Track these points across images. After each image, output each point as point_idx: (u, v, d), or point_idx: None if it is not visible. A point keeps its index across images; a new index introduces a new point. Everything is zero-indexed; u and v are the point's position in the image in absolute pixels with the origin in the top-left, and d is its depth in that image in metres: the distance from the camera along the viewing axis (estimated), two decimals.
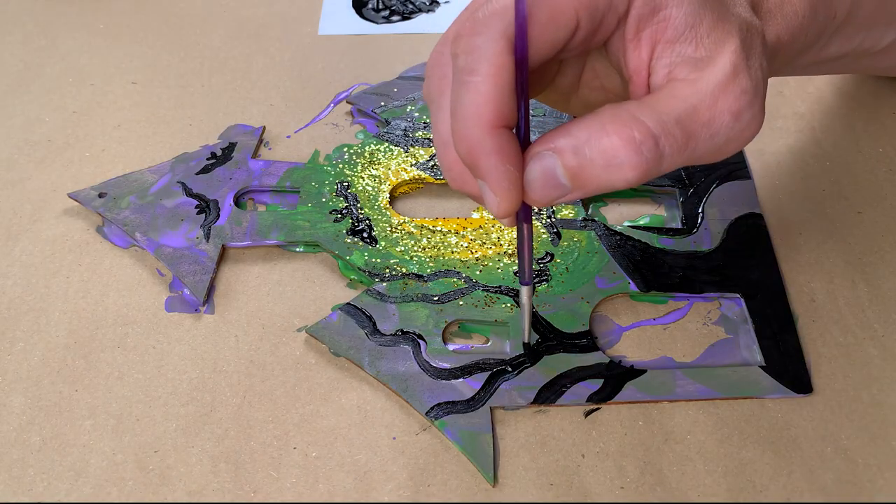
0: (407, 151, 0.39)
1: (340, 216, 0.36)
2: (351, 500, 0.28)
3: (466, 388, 0.30)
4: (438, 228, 0.36)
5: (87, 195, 0.37)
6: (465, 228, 0.36)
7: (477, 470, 0.29)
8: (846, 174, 0.39)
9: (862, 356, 0.32)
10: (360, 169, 0.39)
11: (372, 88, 0.43)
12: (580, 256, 0.35)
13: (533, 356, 0.31)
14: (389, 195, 0.37)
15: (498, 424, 0.30)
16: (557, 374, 0.31)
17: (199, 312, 0.33)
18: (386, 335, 0.32)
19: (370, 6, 0.50)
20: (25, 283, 0.34)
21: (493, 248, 0.35)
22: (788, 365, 0.31)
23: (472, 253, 0.35)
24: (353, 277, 0.35)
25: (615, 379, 0.31)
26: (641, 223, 0.37)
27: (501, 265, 0.35)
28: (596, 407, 0.30)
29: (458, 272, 0.34)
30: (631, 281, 0.34)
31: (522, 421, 0.30)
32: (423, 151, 0.39)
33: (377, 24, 0.48)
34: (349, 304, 0.33)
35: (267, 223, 0.36)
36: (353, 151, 0.40)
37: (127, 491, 0.28)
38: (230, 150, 0.39)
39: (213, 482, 0.28)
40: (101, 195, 0.37)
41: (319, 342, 0.32)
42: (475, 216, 0.37)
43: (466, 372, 0.31)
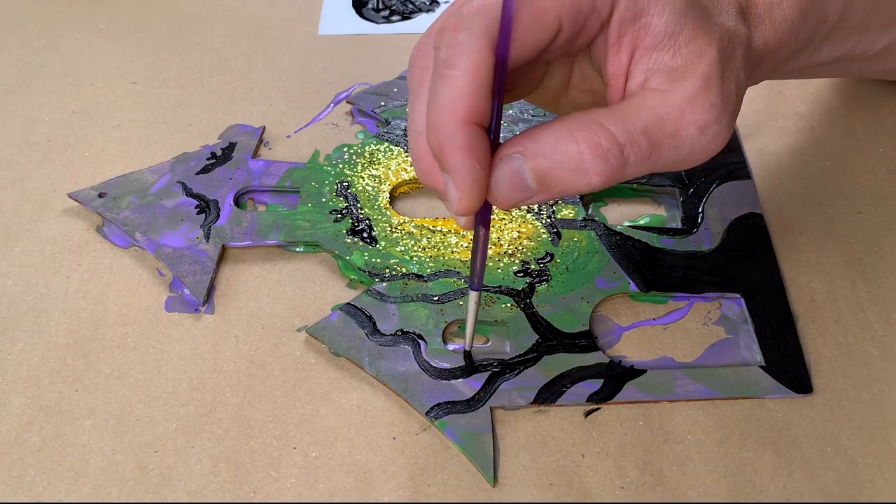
0: (407, 151, 0.39)
1: (340, 216, 0.36)
2: (351, 500, 0.28)
3: (466, 388, 0.30)
4: (438, 228, 0.36)
5: (87, 195, 0.37)
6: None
7: (477, 470, 0.29)
8: (846, 174, 0.39)
9: (862, 356, 0.32)
10: (360, 169, 0.39)
11: (372, 88, 0.43)
12: (580, 256, 0.35)
13: (469, 369, 0.31)
14: (389, 195, 0.37)
15: (498, 424, 0.30)
16: (557, 374, 0.31)
17: (199, 312, 0.33)
18: (386, 335, 0.32)
19: (370, 6, 0.50)
20: (25, 283, 0.34)
21: (493, 248, 0.35)
22: (788, 365, 0.31)
23: None
24: (353, 277, 0.35)
25: (615, 379, 0.31)
26: (641, 223, 0.37)
27: (501, 265, 0.35)
28: (596, 407, 0.30)
29: (458, 272, 0.34)
30: (631, 281, 0.34)
31: (522, 421, 0.30)
32: None
33: (377, 24, 0.48)
34: (349, 304, 0.33)
35: (267, 223, 0.36)
36: (353, 151, 0.40)
37: (127, 491, 0.28)
38: (230, 150, 0.39)
39: (213, 482, 0.28)
40: (101, 195, 0.37)
41: (319, 342, 0.32)
42: None
43: (466, 372, 0.31)
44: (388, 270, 0.34)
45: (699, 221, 0.36)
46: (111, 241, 0.36)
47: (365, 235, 0.36)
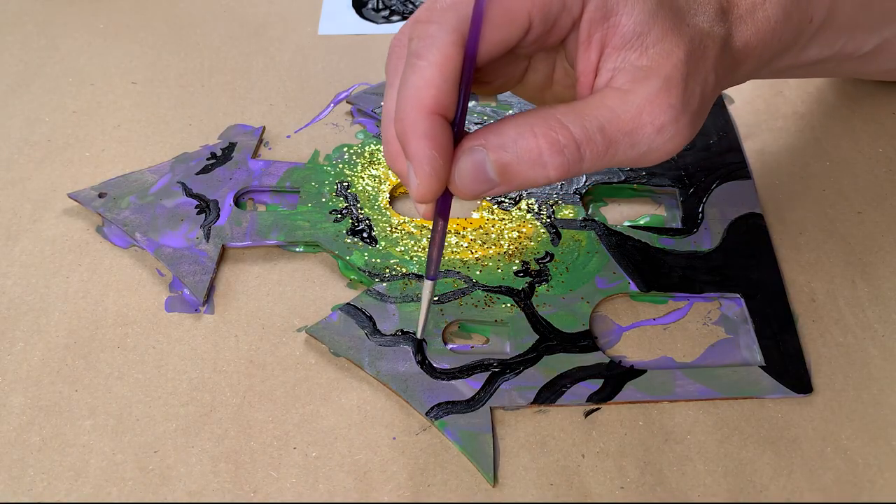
0: None
1: (340, 216, 0.36)
2: (351, 500, 0.28)
3: (466, 388, 0.30)
4: None
5: (87, 195, 0.37)
6: (465, 228, 0.36)
7: (477, 470, 0.29)
8: (846, 174, 0.39)
9: (862, 356, 0.32)
10: (360, 169, 0.39)
11: (372, 88, 0.43)
12: (580, 256, 0.35)
13: (422, 354, 0.31)
14: (389, 195, 0.37)
15: (498, 424, 0.30)
16: (557, 374, 0.31)
17: (199, 312, 0.33)
18: (386, 335, 0.32)
19: (370, 6, 0.50)
20: (25, 283, 0.34)
21: (493, 248, 0.35)
22: (788, 365, 0.31)
23: (472, 253, 0.35)
24: (353, 277, 0.35)
25: (615, 379, 0.31)
26: (641, 223, 0.37)
27: (501, 265, 0.35)
28: (596, 407, 0.30)
29: (458, 272, 0.34)
30: (631, 281, 0.34)
31: (522, 421, 0.30)
32: None
33: (377, 24, 0.48)
34: (349, 304, 0.33)
35: (267, 223, 0.36)
36: (353, 151, 0.40)
37: (127, 491, 0.28)
38: (230, 150, 0.39)
39: (213, 482, 0.28)
40: (101, 195, 0.37)
41: (319, 342, 0.32)
42: (475, 216, 0.37)
43: (466, 372, 0.31)
44: (388, 270, 0.34)
45: (699, 221, 0.36)
46: (111, 241, 0.36)
47: (365, 235, 0.36)
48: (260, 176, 0.38)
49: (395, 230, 0.36)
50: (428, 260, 0.29)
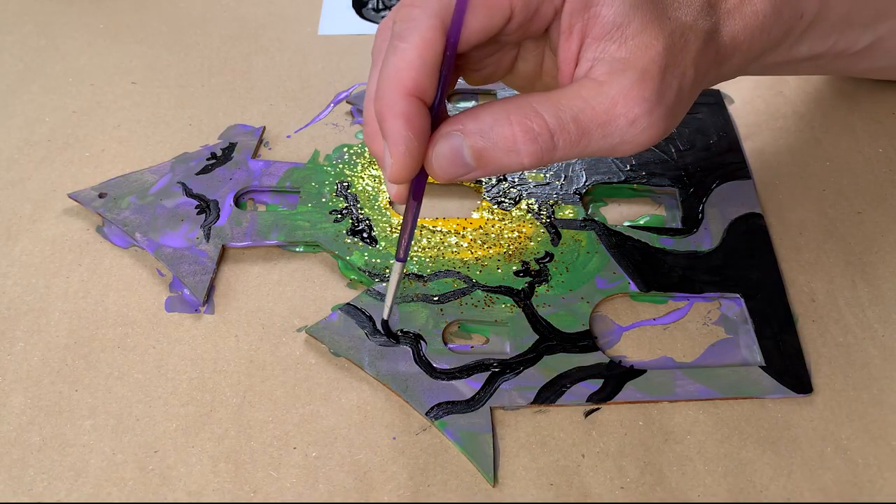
0: None
1: (340, 216, 0.36)
2: (351, 500, 0.28)
3: (466, 388, 0.30)
4: (438, 228, 0.36)
5: (87, 195, 0.37)
6: (465, 228, 0.36)
7: (477, 470, 0.29)
8: (846, 174, 0.39)
9: (862, 356, 0.32)
10: (360, 169, 0.39)
11: None
12: (580, 256, 0.35)
13: (389, 334, 0.32)
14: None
15: (498, 424, 0.30)
16: (557, 374, 0.31)
17: (199, 312, 0.33)
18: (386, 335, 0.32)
19: (370, 6, 0.50)
20: (25, 283, 0.34)
21: (493, 248, 0.35)
22: (788, 365, 0.31)
23: (472, 253, 0.35)
24: (353, 277, 0.35)
25: (615, 379, 0.31)
26: (641, 223, 0.37)
27: (501, 265, 0.35)
28: (596, 407, 0.30)
29: (458, 272, 0.34)
30: (631, 281, 0.34)
31: (522, 421, 0.30)
32: None
33: (377, 24, 0.48)
34: (349, 304, 0.33)
35: (267, 223, 0.36)
36: (353, 151, 0.40)
37: (127, 491, 0.28)
38: (230, 150, 0.39)
39: (213, 482, 0.28)
40: (101, 195, 0.37)
41: (319, 342, 0.32)
42: (475, 216, 0.37)
43: (466, 372, 0.31)
44: (388, 270, 0.34)
45: (699, 221, 0.36)
46: (111, 241, 0.36)
47: (365, 235, 0.36)
48: (260, 176, 0.38)
49: (395, 230, 0.36)
50: (399, 241, 0.29)
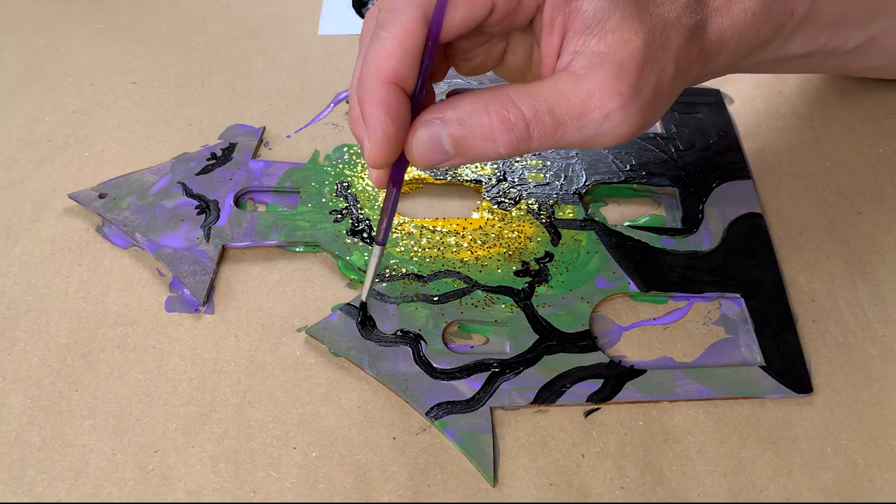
0: None
1: (340, 216, 0.36)
2: (351, 500, 0.28)
3: (466, 388, 0.30)
4: (438, 228, 0.36)
5: (87, 196, 0.37)
6: (465, 228, 0.36)
7: (477, 470, 0.29)
8: (846, 174, 0.39)
9: (862, 356, 0.32)
10: (360, 169, 0.39)
11: None
12: (580, 256, 0.35)
13: (364, 316, 0.32)
14: None
15: (498, 424, 0.30)
16: (557, 374, 0.31)
17: (199, 312, 0.33)
18: (386, 335, 0.32)
19: (370, 6, 0.50)
20: (25, 283, 0.34)
21: (493, 248, 0.35)
22: (788, 365, 0.31)
23: (472, 253, 0.35)
24: (353, 277, 0.35)
25: (615, 379, 0.31)
26: (641, 223, 0.37)
27: (501, 265, 0.35)
28: (596, 407, 0.30)
29: (458, 272, 0.34)
30: (631, 281, 0.34)
31: (522, 421, 0.30)
32: None
33: None
34: (349, 304, 0.33)
35: (267, 223, 0.36)
36: (353, 151, 0.40)
37: (127, 491, 0.28)
38: (230, 150, 0.39)
39: (213, 482, 0.28)
40: (101, 196, 0.37)
41: (319, 342, 0.32)
42: (475, 216, 0.37)
43: (466, 372, 0.31)
44: (388, 270, 0.34)
45: (699, 221, 0.36)
46: (111, 241, 0.36)
47: (365, 236, 0.36)
48: (260, 176, 0.38)
49: (395, 230, 0.36)
50: (378, 225, 0.30)
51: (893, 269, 0.35)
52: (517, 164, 0.39)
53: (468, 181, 0.38)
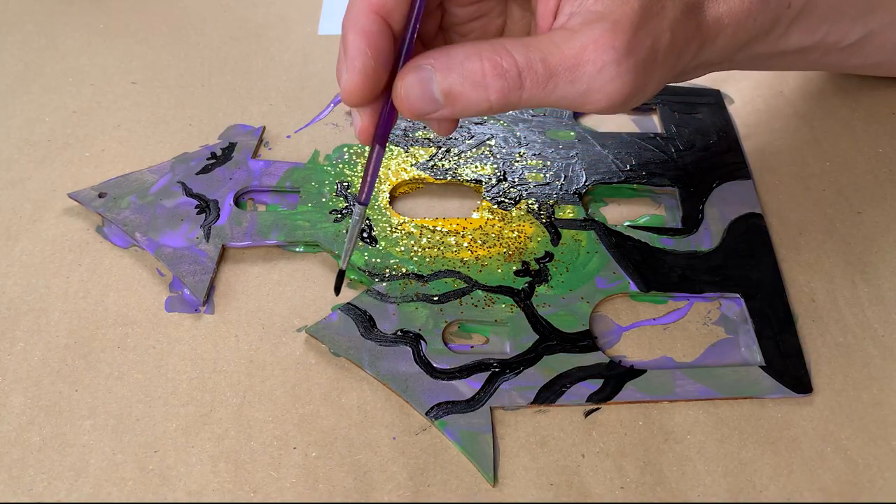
0: (407, 151, 0.39)
1: (340, 216, 0.36)
2: (351, 500, 0.28)
3: (466, 388, 0.30)
4: (438, 228, 0.36)
5: (87, 195, 0.37)
6: (465, 228, 0.36)
7: (477, 470, 0.29)
8: (846, 174, 0.39)
9: (862, 356, 0.32)
10: (360, 169, 0.39)
11: None
12: (580, 256, 0.35)
13: (337, 287, 0.32)
14: (389, 195, 0.37)
15: (498, 424, 0.30)
16: (557, 374, 0.31)
17: (199, 312, 0.33)
18: (386, 335, 0.32)
19: None
20: (25, 283, 0.34)
21: (493, 247, 0.35)
22: (788, 365, 0.31)
23: (472, 253, 0.35)
24: (353, 277, 0.35)
25: (615, 379, 0.31)
26: (641, 223, 0.37)
27: (501, 265, 0.35)
28: (596, 407, 0.30)
29: (458, 272, 0.34)
30: (631, 281, 0.34)
31: (522, 421, 0.30)
32: (422, 151, 0.39)
33: None
34: (349, 304, 0.33)
35: (267, 223, 0.36)
36: (353, 151, 0.40)
37: (127, 491, 0.28)
38: (230, 150, 0.39)
39: (213, 482, 0.28)
40: (101, 195, 0.37)
41: (319, 342, 0.32)
42: (475, 216, 0.37)
43: (466, 372, 0.31)
44: (388, 270, 0.34)
45: (699, 221, 0.36)
46: (111, 241, 0.36)
47: (365, 235, 0.36)
48: (260, 176, 0.38)
49: (395, 230, 0.36)
50: (361, 183, 0.29)
51: (893, 269, 0.35)
52: (517, 164, 0.39)
53: (468, 181, 0.38)
